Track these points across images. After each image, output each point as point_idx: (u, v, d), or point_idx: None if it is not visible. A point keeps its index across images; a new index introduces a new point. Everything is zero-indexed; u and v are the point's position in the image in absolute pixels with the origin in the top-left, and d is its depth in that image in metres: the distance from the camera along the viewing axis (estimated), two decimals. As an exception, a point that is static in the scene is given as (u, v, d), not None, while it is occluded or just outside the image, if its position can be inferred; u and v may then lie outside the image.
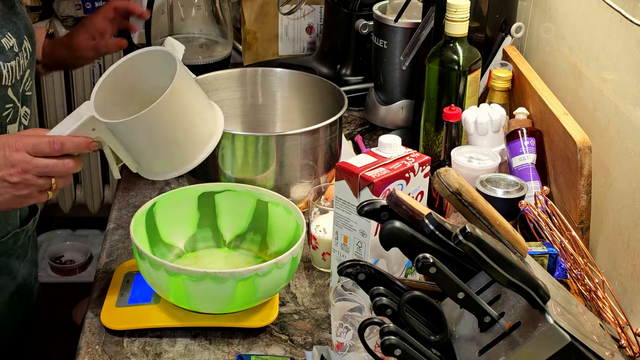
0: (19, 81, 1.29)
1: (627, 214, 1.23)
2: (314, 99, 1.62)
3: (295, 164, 1.45)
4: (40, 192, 1.15)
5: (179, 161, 1.23)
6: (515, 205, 1.29)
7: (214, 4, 2.06)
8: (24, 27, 1.31)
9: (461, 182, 0.95)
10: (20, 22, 1.30)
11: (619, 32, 1.27)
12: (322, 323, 1.25)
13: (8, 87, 1.26)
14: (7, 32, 1.26)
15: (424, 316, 0.94)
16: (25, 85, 1.32)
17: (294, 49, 2.13)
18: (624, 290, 1.24)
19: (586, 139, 1.30)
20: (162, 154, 1.23)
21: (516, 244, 0.95)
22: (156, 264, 1.16)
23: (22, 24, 1.31)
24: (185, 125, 1.21)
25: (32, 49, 1.33)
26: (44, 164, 1.12)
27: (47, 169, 1.13)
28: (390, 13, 1.77)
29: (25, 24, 1.32)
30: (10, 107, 1.28)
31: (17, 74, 1.28)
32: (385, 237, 0.94)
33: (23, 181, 1.12)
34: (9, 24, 1.27)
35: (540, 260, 1.26)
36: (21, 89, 1.30)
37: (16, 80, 1.28)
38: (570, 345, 0.86)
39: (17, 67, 1.27)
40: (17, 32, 1.28)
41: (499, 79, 1.55)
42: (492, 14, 1.63)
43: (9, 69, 1.25)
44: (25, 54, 1.30)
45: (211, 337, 1.22)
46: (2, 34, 1.25)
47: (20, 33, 1.29)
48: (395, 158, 1.21)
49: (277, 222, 1.33)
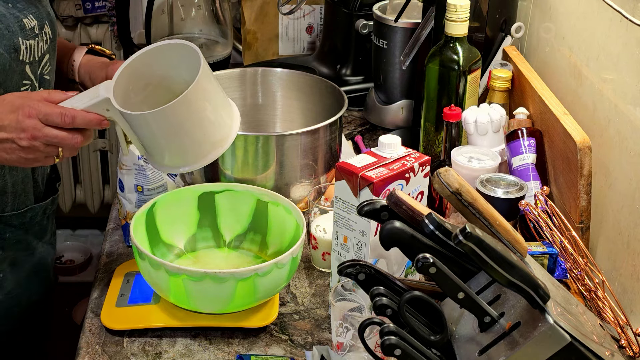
0: (37, 62, 1.31)
1: (627, 214, 1.23)
2: (314, 99, 1.62)
3: (295, 164, 1.45)
4: (47, 157, 1.18)
5: (192, 157, 1.21)
6: (515, 205, 1.29)
7: (214, 4, 2.06)
8: (46, 14, 1.34)
9: (461, 182, 0.95)
10: (42, 9, 1.33)
11: (619, 32, 1.27)
12: (322, 323, 1.25)
13: (26, 64, 1.28)
14: (29, 13, 1.29)
15: (424, 316, 0.94)
16: (44, 68, 1.33)
17: (294, 49, 2.12)
18: (624, 290, 1.24)
19: (586, 139, 1.30)
20: (175, 149, 1.20)
21: (516, 244, 0.95)
22: (156, 264, 1.16)
23: (45, 11, 1.34)
24: (204, 123, 1.19)
25: (53, 36, 1.35)
26: (53, 134, 1.15)
27: (56, 139, 1.15)
28: (390, 13, 1.77)
29: (48, 11, 1.35)
30: (27, 85, 1.29)
31: (35, 54, 1.29)
32: (385, 237, 0.94)
33: (31, 146, 1.15)
34: (31, 7, 1.30)
35: (540, 260, 1.26)
36: (39, 70, 1.32)
37: (34, 59, 1.29)
38: (570, 345, 0.86)
39: (35, 47, 1.29)
40: (39, 16, 1.31)
41: (499, 79, 1.55)
42: (492, 14, 1.63)
43: (27, 45, 1.27)
44: (45, 37, 1.32)
45: (211, 337, 1.22)
46: (25, 14, 1.28)
47: (42, 17, 1.32)
48: (395, 158, 1.21)
49: (277, 222, 1.33)
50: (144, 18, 2.02)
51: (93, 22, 2.81)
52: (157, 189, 1.41)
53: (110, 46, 2.82)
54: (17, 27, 1.26)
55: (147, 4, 1.99)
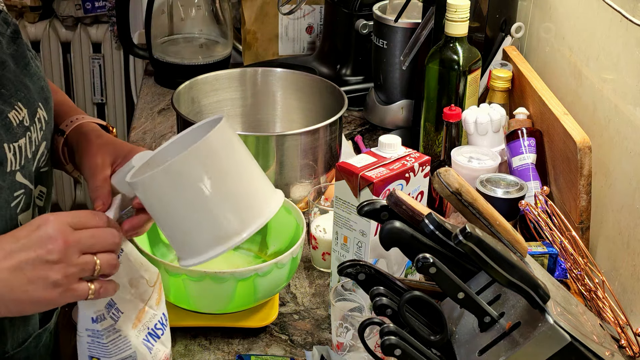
0: (31, 160, 1.05)
1: (627, 214, 1.23)
2: (314, 99, 1.62)
3: (295, 164, 1.45)
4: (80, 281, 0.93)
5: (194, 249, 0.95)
6: (515, 205, 1.29)
7: (214, 4, 2.07)
8: (38, 91, 1.07)
9: (461, 182, 0.95)
10: (34, 86, 1.07)
11: (619, 32, 1.27)
12: (322, 323, 1.25)
13: (16, 172, 1.02)
14: (17, 102, 1.03)
15: (424, 316, 0.94)
16: (40, 161, 1.08)
17: (294, 49, 2.12)
18: (624, 290, 1.24)
19: (586, 139, 1.30)
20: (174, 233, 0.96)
21: (516, 244, 0.95)
22: (156, 264, 1.16)
23: (37, 87, 1.07)
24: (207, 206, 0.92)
25: (48, 117, 1.09)
26: (89, 234, 0.93)
27: (93, 239, 0.92)
28: (390, 13, 1.77)
29: (41, 86, 1.09)
30: (21, 194, 1.03)
31: (27, 153, 1.04)
32: (385, 237, 0.94)
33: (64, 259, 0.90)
34: (20, 90, 1.04)
35: (540, 260, 1.26)
36: (34, 168, 1.06)
37: (27, 160, 1.04)
38: (570, 345, 0.86)
39: (27, 145, 1.03)
40: (30, 101, 1.05)
41: (499, 79, 1.55)
42: (492, 14, 1.63)
43: (15, 150, 1.01)
44: (40, 124, 1.06)
45: (211, 337, 1.21)
46: (11, 105, 1.01)
47: (33, 101, 1.05)
48: (395, 158, 1.21)
49: (277, 222, 1.33)
50: (144, 18, 2.02)
51: (93, 22, 2.81)
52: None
53: (110, 46, 2.82)
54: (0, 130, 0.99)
55: (147, 4, 1.99)
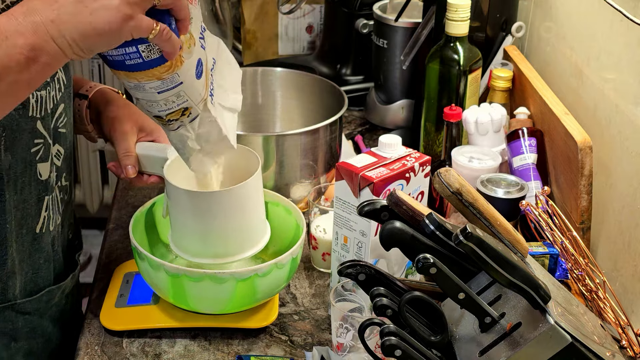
0: (50, 115, 1.13)
1: (628, 214, 1.23)
2: (314, 99, 1.62)
3: (295, 164, 1.44)
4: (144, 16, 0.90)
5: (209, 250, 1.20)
6: (515, 205, 1.29)
7: (213, 4, 2.06)
8: None
9: (462, 182, 0.94)
10: None
11: (620, 32, 1.27)
12: (322, 324, 1.25)
13: (37, 120, 1.10)
14: None
15: (425, 317, 0.94)
16: (58, 121, 1.16)
17: (294, 48, 2.12)
18: (625, 290, 1.23)
19: (587, 139, 1.30)
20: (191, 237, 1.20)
21: (517, 244, 0.95)
22: (155, 265, 1.16)
23: None
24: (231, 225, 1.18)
25: (67, 82, 1.17)
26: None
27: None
28: (390, 12, 1.77)
29: None
30: (40, 143, 1.11)
31: (47, 106, 1.11)
32: (385, 238, 0.94)
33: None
34: None
35: (541, 260, 1.26)
36: (52, 124, 1.14)
37: (46, 112, 1.11)
38: (571, 346, 0.86)
39: (47, 98, 1.11)
40: None
41: (500, 79, 1.55)
42: (492, 14, 1.63)
43: (37, 97, 1.09)
44: (58, 85, 1.14)
45: (211, 337, 1.21)
46: None
47: None
48: (396, 158, 1.20)
49: (277, 222, 1.32)
50: (143, 18, 2.01)
51: (93, 22, 2.80)
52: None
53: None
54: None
55: (147, 4, 1.99)
